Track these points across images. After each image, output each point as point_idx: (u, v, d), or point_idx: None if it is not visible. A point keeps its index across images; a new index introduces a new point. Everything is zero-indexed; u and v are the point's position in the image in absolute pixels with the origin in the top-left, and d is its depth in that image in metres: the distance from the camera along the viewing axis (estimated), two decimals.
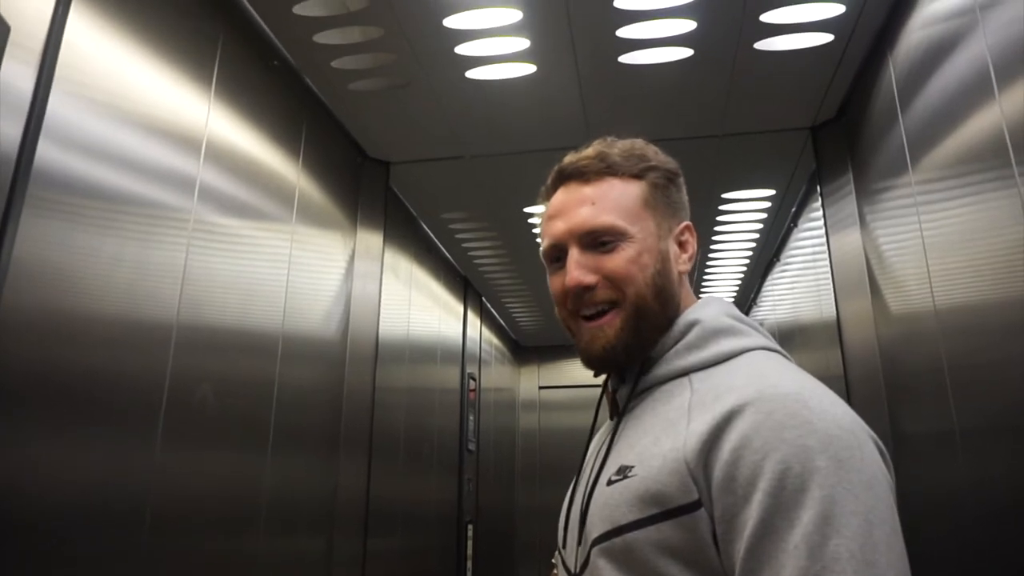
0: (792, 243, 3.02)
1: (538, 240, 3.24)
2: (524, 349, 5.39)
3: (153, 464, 1.38)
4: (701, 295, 0.94)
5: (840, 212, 2.20)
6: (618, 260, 0.87)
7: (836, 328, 2.17)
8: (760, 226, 3.10)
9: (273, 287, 1.91)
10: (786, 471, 0.70)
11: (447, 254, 3.45)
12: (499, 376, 4.71)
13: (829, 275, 2.22)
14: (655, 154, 0.94)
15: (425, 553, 3.11)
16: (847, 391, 2.12)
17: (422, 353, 3.12)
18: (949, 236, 1.51)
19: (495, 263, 3.61)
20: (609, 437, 0.91)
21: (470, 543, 3.61)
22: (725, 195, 2.79)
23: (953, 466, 1.54)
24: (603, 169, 0.90)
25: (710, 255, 3.47)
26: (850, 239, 2.14)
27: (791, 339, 3.13)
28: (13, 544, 1.08)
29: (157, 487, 1.38)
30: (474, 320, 4.00)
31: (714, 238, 3.23)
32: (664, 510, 0.75)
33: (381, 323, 2.46)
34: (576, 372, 5.55)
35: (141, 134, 1.40)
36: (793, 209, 2.81)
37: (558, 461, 5.06)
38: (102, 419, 1.26)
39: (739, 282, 3.95)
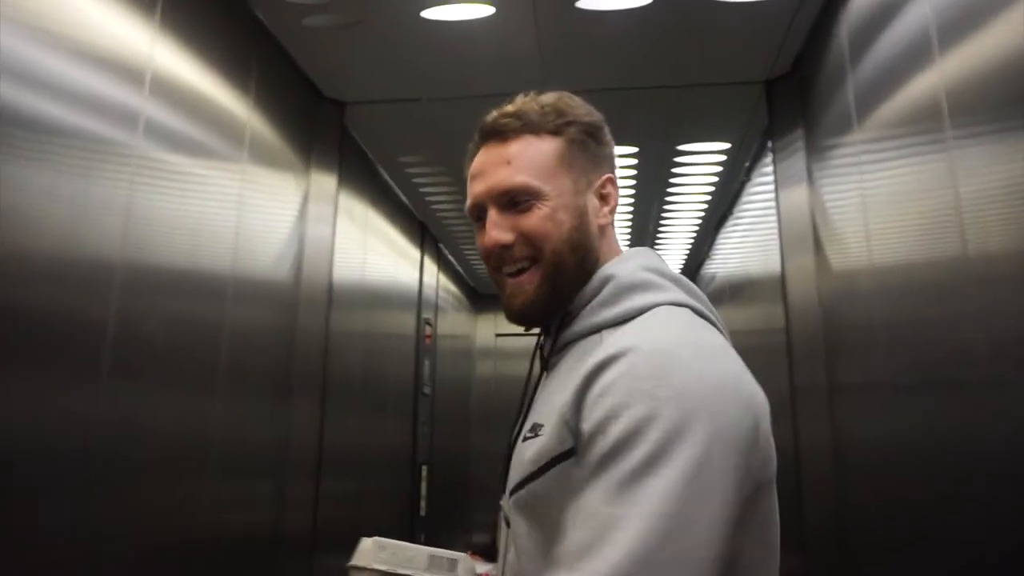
0: (744, 198, 3.07)
1: None
2: (481, 296, 5.42)
3: (97, 404, 1.37)
4: (631, 248, 0.96)
5: (790, 168, 2.24)
6: (533, 219, 0.89)
7: (780, 283, 2.23)
8: (715, 179, 3.14)
9: (223, 227, 1.88)
10: (631, 417, 0.73)
11: (404, 199, 3.42)
12: (456, 323, 4.74)
13: (776, 231, 2.28)
14: (576, 108, 0.95)
15: (379, 495, 3.17)
16: (788, 344, 2.19)
17: (378, 298, 3.12)
18: (886, 195, 1.56)
19: (452, 208, 3.59)
20: (532, 394, 0.96)
21: (424, 484, 3.69)
22: (680, 147, 2.81)
23: (881, 417, 1.63)
24: (520, 127, 0.91)
25: (665, 208, 3.51)
26: (798, 195, 2.19)
27: (740, 293, 3.21)
28: None
29: (103, 425, 1.38)
30: (431, 266, 4.00)
31: (669, 190, 3.27)
32: (548, 459, 0.80)
33: (335, 267, 2.45)
34: None
35: (82, 63, 1.35)
36: (747, 164, 2.85)
37: (513, 407, 5.14)
38: (42, 357, 1.25)
39: (694, 235, 4.01)
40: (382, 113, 2.58)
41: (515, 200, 0.90)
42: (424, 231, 3.85)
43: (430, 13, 1.98)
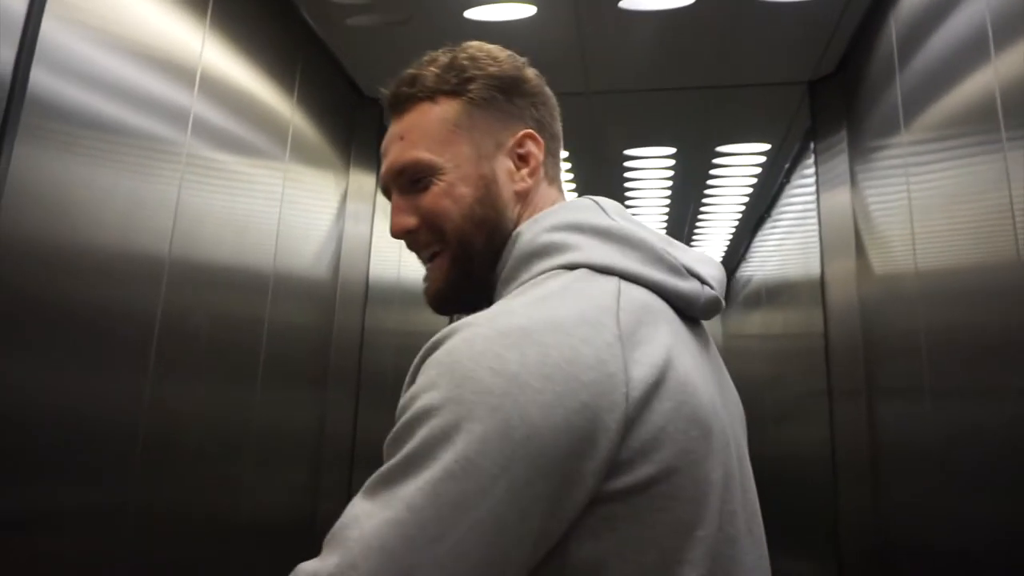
0: (784, 199, 3.03)
1: None
2: None
3: (145, 392, 1.41)
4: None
5: (832, 170, 2.21)
6: (429, 198, 0.78)
7: (820, 286, 2.20)
8: (754, 180, 3.11)
9: (265, 224, 1.92)
10: (411, 412, 0.63)
11: None
12: None
13: (817, 233, 2.25)
14: (482, 60, 0.82)
15: None
16: (826, 347, 2.16)
17: (412, 296, 3.14)
18: (935, 198, 1.53)
19: None
20: None
21: None
22: (720, 148, 2.79)
23: (922, 423, 1.60)
24: (413, 95, 0.80)
25: (701, 209, 3.48)
26: (840, 197, 2.16)
27: (777, 296, 3.17)
28: (8, 470, 1.11)
29: (149, 414, 1.41)
30: None
31: (707, 191, 3.24)
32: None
33: (372, 264, 2.48)
34: None
35: (135, 63, 1.38)
36: (787, 165, 2.81)
37: None
38: (95, 347, 1.29)
39: (730, 237, 3.97)
40: None
41: (412, 179, 0.79)
42: None
43: (473, 13, 1.99)
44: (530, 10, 1.97)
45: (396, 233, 0.80)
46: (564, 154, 3.03)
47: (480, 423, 0.59)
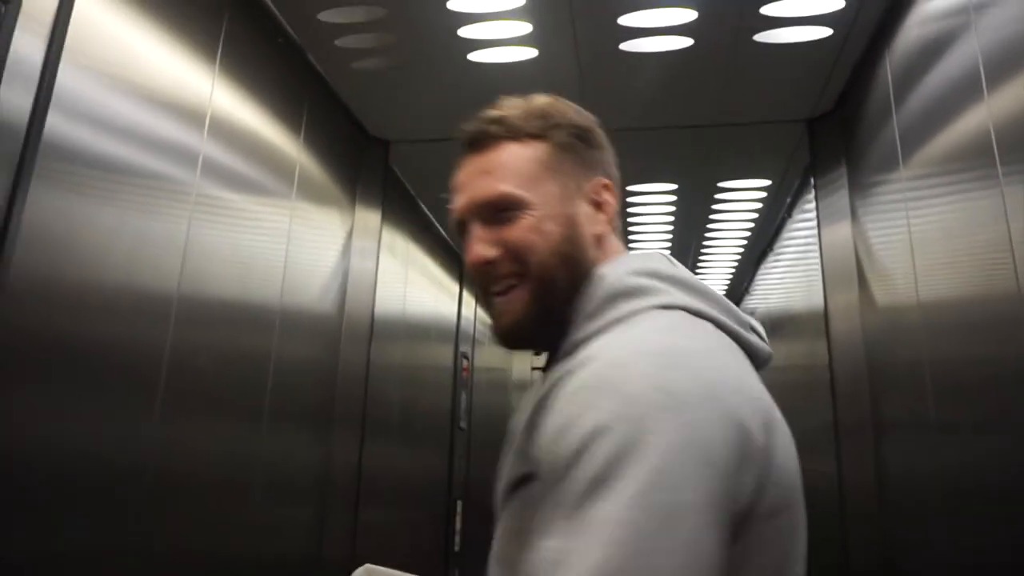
0: (785, 234, 3.05)
1: None
2: None
3: (153, 433, 1.41)
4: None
5: (832, 205, 2.23)
6: (518, 230, 0.81)
7: (823, 319, 2.21)
8: (755, 216, 3.13)
9: (272, 262, 1.94)
10: (576, 435, 0.65)
11: (444, 234, 3.47)
12: (492, 356, 4.76)
13: (819, 267, 2.26)
14: (563, 110, 0.87)
15: (415, 527, 3.16)
16: (831, 380, 2.16)
17: (417, 331, 3.16)
18: (935, 232, 1.55)
19: None
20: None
21: (458, 519, 3.67)
22: (721, 184, 2.82)
23: (929, 456, 1.59)
24: (501, 133, 0.84)
25: (704, 243, 3.50)
26: (841, 232, 2.18)
27: (780, 328, 3.17)
28: (16, 508, 1.11)
29: (155, 454, 1.42)
30: (469, 300, 4.03)
31: (709, 226, 3.27)
32: (511, 484, 0.77)
33: (377, 300, 2.50)
34: None
35: (147, 107, 1.42)
36: (788, 200, 2.84)
37: None
38: (104, 387, 1.30)
39: (733, 271, 3.98)
40: (425, 151, 2.64)
41: (498, 211, 0.82)
42: (463, 265, 3.89)
43: (476, 56, 2.04)
44: (532, 52, 2.02)
45: (476, 261, 0.83)
46: None
47: (662, 436, 0.63)
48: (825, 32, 1.88)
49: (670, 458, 0.62)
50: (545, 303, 0.81)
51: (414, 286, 3.06)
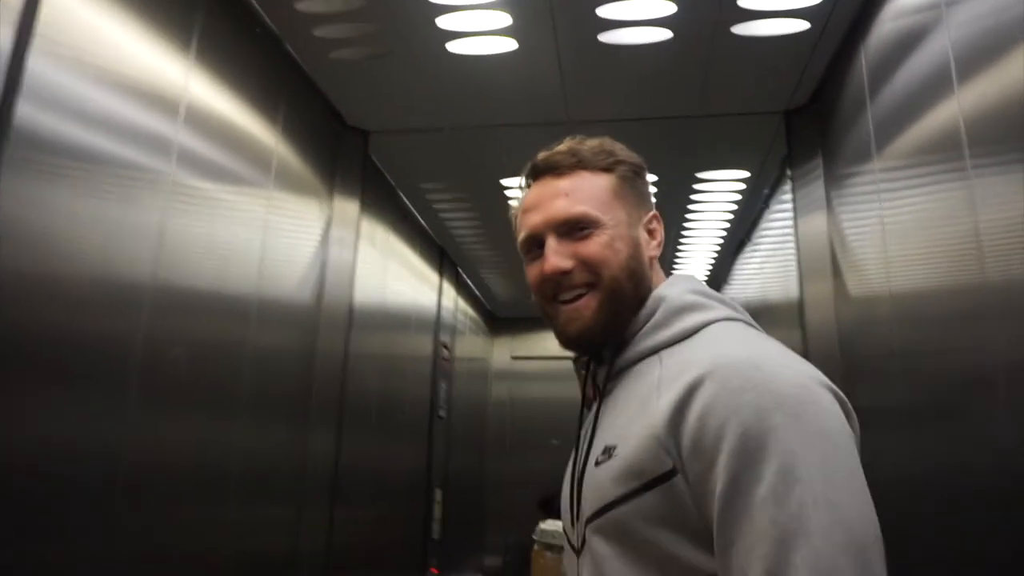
0: (763, 224, 3.08)
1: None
2: (498, 320, 5.44)
3: (126, 425, 1.40)
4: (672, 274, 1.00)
5: (808, 196, 2.26)
6: (593, 246, 0.93)
7: (799, 309, 2.24)
8: (734, 207, 3.16)
9: (249, 251, 1.92)
10: (745, 432, 0.75)
11: (424, 224, 3.46)
12: (472, 346, 4.76)
13: (795, 257, 2.29)
14: (622, 150, 1.00)
15: (394, 518, 3.17)
16: None
17: (396, 321, 3.15)
18: (906, 224, 1.57)
19: (472, 234, 3.63)
20: (593, 418, 0.96)
21: (438, 507, 3.69)
22: (700, 175, 2.84)
23: (898, 443, 1.62)
24: (575, 163, 0.96)
25: (683, 233, 3.53)
26: (816, 223, 2.21)
27: (758, 318, 3.20)
28: None
29: (130, 448, 1.41)
30: (449, 290, 4.03)
31: (688, 216, 3.29)
32: (644, 482, 0.81)
33: (356, 290, 2.49)
34: (550, 344, 5.61)
35: (120, 95, 1.40)
36: (766, 191, 2.87)
37: (529, 431, 5.13)
38: (76, 379, 1.29)
39: (712, 261, 4.02)
40: (404, 142, 2.63)
41: (575, 228, 0.94)
42: (443, 255, 3.89)
43: (454, 46, 2.03)
44: (511, 44, 2.01)
45: (552, 271, 0.93)
46: None
47: (811, 424, 0.76)
48: (802, 25, 1.90)
49: (830, 439, 0.75)
50: (613, 310, 0.93)
51: (393, 276, 3.05)
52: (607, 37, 1.97)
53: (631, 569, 0.81)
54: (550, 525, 2.20)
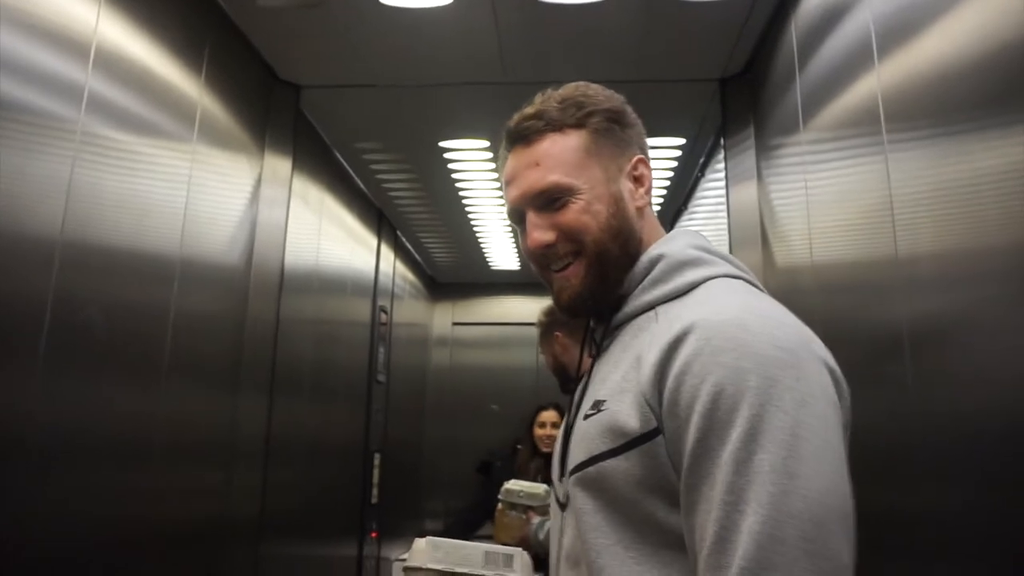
0: (699, 193, 3.12)
1: (454, 176, 3.23)
2: (439, 285, 5.41)
3: (34, 391, 1.33)
4: (674, 229, 0.98)
5: (740, 165, 2.29)
6: (570, 214, 0.91)
7: None
8: (671, 174, 3.19)
9: (171, 208, 1.84)
10: (720, 392, 0.74)
11: (361, 185, 3.39)
12: (412, 311, 4.73)
13: (727, 226, 2.33)
14: (594, 96, 0.95)
15: (331, 483, 3.15)
16: None
17: (331, 284, 3.09)
18: (828, 195, 1.61)
19: (410, 196, 3.57)
20: (587, 374, 0.96)
21: (376, 471, 3.69)
22: None
23: None
24: (542, 127, 0.93)
25: None
26: (747, 192, 2.24)
27: None
28: None
29: (39, 416, 1.34)
30: (387, 254, 3.98)
31: None
32: (629, 440, 0.80)
33: (288, 252, 2.42)
34: (490, 309, 5.64)
35: (22, 35, 1.30)
36: (701, 160, 2.90)
37: (469, 397, 5.16)
38: None
39: None
40: (338, 98, 2.55)
41: (550, 199, 0.92)
42: (381, 217, 3.82)
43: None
44: None
45: (535, 246, 0.93)
46: (484, 144, 3.00)
47: (789, 391, 0.73)
48: None
49: (799, 409, 0.72)
50: (600, 273, 0.92)
51: (328, 238, 2.99)
52: None
53: (609, 526, 0.81)
54: (515, 484, 2.23)
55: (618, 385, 0.85)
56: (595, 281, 0.92)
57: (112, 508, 1.59)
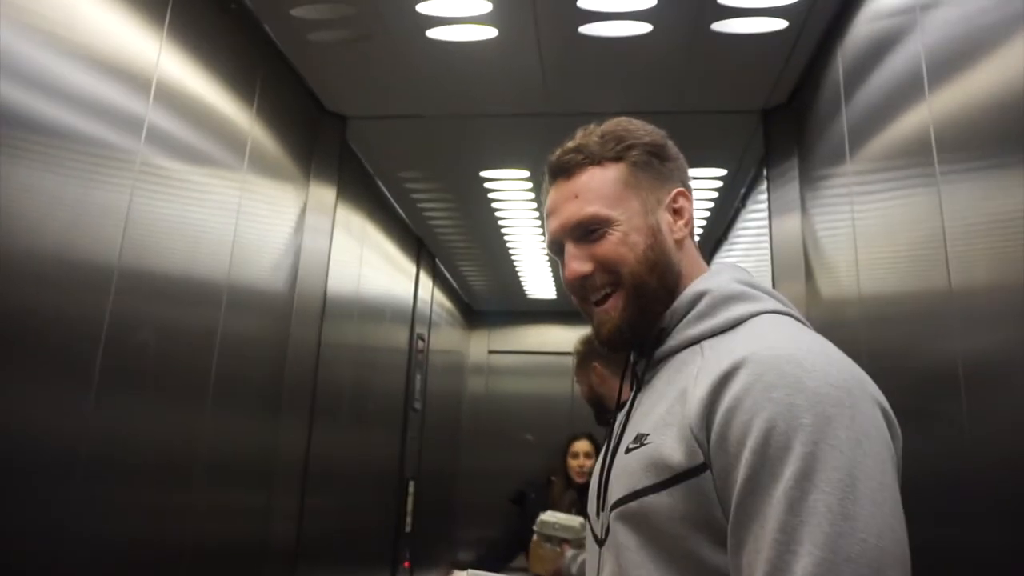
0: (740, 224, 3.10)
1: (493, 205, 3.26)
2: (475, 313, 5.43)
3: (88, 410, 1.37)
4: (717, 263, 0.98)
5: (784, 196, 2.27)
6: (607, 246, 0.91)
7: None
8: (711, 205, 3.17)
9: (220, 236, 1.90)
10: (772, 429, 0.72)
11: (402, 213, 3.44)
12: (449, 338, 4.75)
13: (769, 258, 2.30)
14: (635, 131, 0.97)
15: (366, 510, 3.15)
16: None
17: (371, 311, 3.13)
18: (877, 226, 1.59)
19: (450, 225, 3.61)
20: (628, 408, 0.95)
21: (410, 499, 3.68)
22: None
23: None
24: (582, 161, 0.95)
25: None
26: (791, 223, 2.22)
27: None
28: None
29: (91, 434, 1.38)
30: (426, 281, 4.02)
31: None
32: (674, 475, 0.78)
33: (330, 279, 2.46)
34: (527, 338, 5.62)
35: (87, 69, 1.37)
36: (743, 190, 2.88)
37: (505, 426, 5.14)
38: (35, 361, 1.25)
39: None
40: (383, 128, 2.61)
41: (588, 230, 0.92)
42: (420, 246, 3.87)
43: (435, 33, 2.01)
44: (491, 32, 2.00)
45: (572, 278, 0.93)
46: (525, 174, 3.02)
47: (845, 430, 0.71)
48: (781, 24, 1.90)
49: (856, 448, 0.70)
50: (639, 305, 0.91)
51: (369, 266, 3.03)
52: (588, 29, 1.96)
53: (652, 563, 0.79)
54: (551, 516, 2.21)
55: (662, 419, 0.83)
56: (634, 314, 0.91)
57: (153, 526, 1.61)
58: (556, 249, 0.97)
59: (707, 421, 0.78)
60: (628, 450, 0.86)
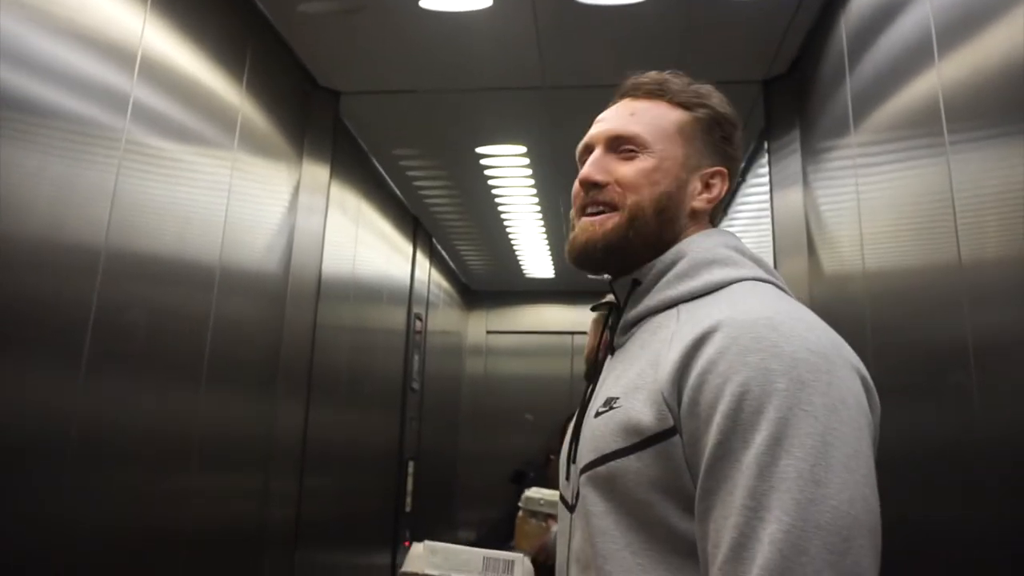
0: (740, 198, 3.06)
1: (490, 183, 3.22)
2: (473, 293, 5.40)
3: (76, 393, 1.34)
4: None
5: (785, 169, 2.23)
6: (632, 168, 0.90)
7: None
8: None
9: (211, 215, 1.86)
10: (745, 393, 0.70)
11: (398, 192, 3.39)
12: (447, 319, 4.73)
13: (770, 232, 2.27)
14: (717, 101, 0.96)
15: (365, 490, 3.15)
16: None
17: (368, 292, 3.10)
18: (882, 199, 1.55)
19: (447, 204, 3.57)
20: (600, 371, 0.93)
21: (410, 479, 3.67)
22: None
23: None
24: (655, 91, 0.94)
25: None
26: (792, 197, 2.18)
27: None
28: None
29: (81, 417, 1.35)
30: (423, 261, 3.98)
31: None
32: (643, 438, 0.77)
33: (325, 259, 2.43)
34: (525, 318, 5.60)
35: (68, 43, 1.32)
36: (743, 164, 2.84)
37: (503, 406, 5.13)
38: (22, 343, 1.22)
39: None
40: (377, 104, 2.56)
41: (623, 146, 0.91)
42: (417, 225, 3.83)
43: (428, 3, 1.95)
44: (486, 2, 1.94)
45: (586, 179, 0.91)
46: (521, 149, 2.97)
47: (820, 396, 0.70)
48: None
49: (830, 415, 0.69)
50: (627, 236, 0.88)
51: (365, 246, 2.99)
52: None
53: (619, 528, 0.78)
54: (535, 492, 2.21)
55: (633, 383, 0.81)
56: (617, 240, 0.89)
57: (150, 510, 1.59)
58: (584, 151, 0.95)
59: (679, 385, 0.76)
60: (598, 414, 0.84)
